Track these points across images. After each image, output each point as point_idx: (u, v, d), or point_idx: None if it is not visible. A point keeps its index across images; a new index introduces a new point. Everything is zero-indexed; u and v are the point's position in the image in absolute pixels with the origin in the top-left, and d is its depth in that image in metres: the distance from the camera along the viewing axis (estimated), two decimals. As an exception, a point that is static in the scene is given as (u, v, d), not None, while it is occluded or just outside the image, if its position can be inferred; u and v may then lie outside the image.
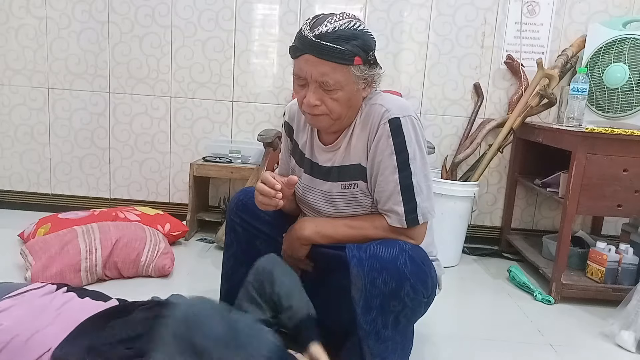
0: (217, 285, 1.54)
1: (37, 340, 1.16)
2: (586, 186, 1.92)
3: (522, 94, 2.49)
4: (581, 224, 2.71)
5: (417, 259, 1.18)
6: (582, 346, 1.70)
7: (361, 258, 1.17)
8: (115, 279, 1.96)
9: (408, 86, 2.64)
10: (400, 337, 1.23)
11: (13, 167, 2.82)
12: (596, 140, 1.90)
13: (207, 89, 2.69)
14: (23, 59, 2.70)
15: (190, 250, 2.41)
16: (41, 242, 1.91)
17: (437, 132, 2.67)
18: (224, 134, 2.73)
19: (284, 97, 2.68)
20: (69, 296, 1.33)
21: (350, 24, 1.15)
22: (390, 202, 1.22)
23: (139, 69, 2.68)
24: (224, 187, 2.80)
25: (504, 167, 2.69)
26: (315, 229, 1.30)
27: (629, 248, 2.03)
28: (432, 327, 1.70)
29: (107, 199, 2.82)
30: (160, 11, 2.63)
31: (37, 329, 1.17)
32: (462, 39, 2.59)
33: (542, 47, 2.57)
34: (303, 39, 1.15)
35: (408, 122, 1.20)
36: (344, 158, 1.29)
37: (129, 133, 2.75)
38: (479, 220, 2.74)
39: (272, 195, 1.21)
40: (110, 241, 1.94)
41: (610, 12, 2.52)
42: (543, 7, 2.54)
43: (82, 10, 2.64)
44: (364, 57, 1.17)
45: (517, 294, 2.11)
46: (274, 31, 2.63)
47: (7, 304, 1.25)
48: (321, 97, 1.18)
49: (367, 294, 1.16)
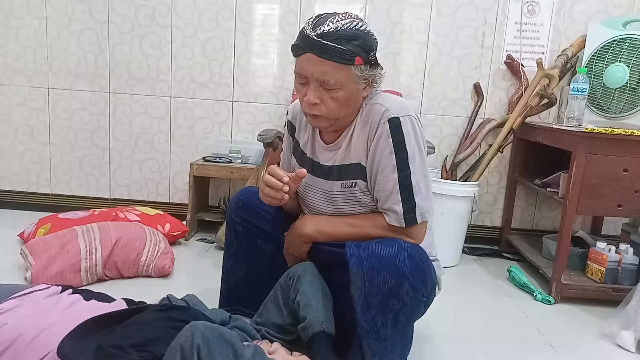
0: (217, 285, 1.54)
1: (42, 339, 1.16)
2: (586, 186, 1.92)
3: (522, 94, 2.49)
4: (581, 224, 2.71)
5: (416, 257, 1.18)
6: (582, 346, 1.70)
7: (361, 256, 1.17)
8: (115, 279, 1.96)
9: (408, 86, 2.64)
10: (400, 336, 1.23)
11: (13, 167, 2.82)
12: (596, 140, 1.90)
13: (207, 89, 2.69)
14: (23, 59, 2.70)
15: (190, 250, 2.41)
16: (41, 242, 1.91)
17: (437, 132, 2.67)
18: (224, 134, 2.73)
19: (284, 97, 2.68)
20: (75, 298, 1.33)
21: (352, 24, 1.15)
22: (389, 201, 1.22)
23: (139, 69, 2.68)
24: (224, 187, 2.80)
25: (504, 167, 2.69)
26: (316, 226, 1.31)
27: (629, 248, 2.03)
28: (432, 327, 1.70)
29: (107, 199, 2.82)
30: (160, 11, 2.63)
31: (42, 328, 1.18)
32: (462, 39, 2.59)
33: (542, 47, 2.57)
34: (305, 38, 1.16)
35: (408, 121, 1.20)
36: (344, 157, 1.29)
37: (129, 133, 2.75)
38: (479, 220, 2.74)
39: (279, 188, 1.21)
40: (110, 241, 1.94)
41: (610, 12, 2.52)
42: (543, 7, 2.54)
43: (82, 10, 2.64)
44: (365, 57, 1.17)
45: (517, 294, 2.11)
46: (274, 31, 2.63)
47: (12, 304, 1.25)
48: (321, 95, 1.18)
49: (366, 292, 1.16)
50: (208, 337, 0.95)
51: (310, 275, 1.27)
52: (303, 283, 1.25)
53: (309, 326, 1.20)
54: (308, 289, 1.24)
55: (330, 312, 1.24)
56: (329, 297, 1.28)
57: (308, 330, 1.20)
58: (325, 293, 1.27)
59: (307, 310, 1.21)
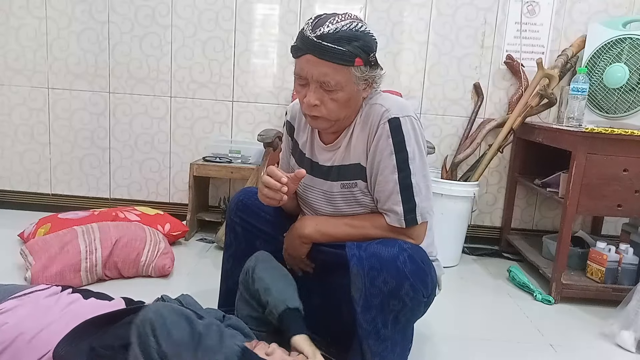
0: (217, 285, 1.55)
1: (41, 338, 1.16)
2: (586, 186, 1.92)
3: (522, 94, 2.49)
4: (581, 224, 2.71)
5: (416, 258, 1.18)
6: (582, 346, 1.70)
7: (361, 257, 1.17)
8: (115, 279, 1.96)
9: (408, 86, 2.64)
10: (400, 336, 1.23)
11: (13, 167, 2.82)
12: (596, 140, 1.90)
13: (207, 89, 2.69)
14: (23, 59, 2.70)
15: (190, 250, 2.41)
16: (41, 242, 1.91)
17: (437, 132, 2.67)
18: (224, 134, 2.73)
19: (284, 97, 2.68)
20: (74, 297, 1.33)
21: (352, 24, 1.15)
22: (390, 202, 1.22)
23: (139, 69, 2.68)
24: (224, 187, 2.80)
25: (504, 167, 2.69)
26: (316, 227, 1.30)
27: (629, 248, 2.03)
28: (432, 327, 1.70)
29: (107, 199, 2.82)
30: (160, 11, 2.63)
31: (41, 327, 1.18)
32: (462, 39, 2.59)
33: (542, 47, 2.57)
34: (305, 39, 1.15)
35: (407, 122, 1.20)
36: (343, 157, 1.29)
37: (129, 133, 2.75)
38: (479, 220, 2.74)
39: (277, 189, 1.20)
40: (110, 241, 1.94)
41: (610, 12, 2.52)
42: (543, 7, 2.54)
43: (82, 10, 2.64)
44: (365, 58, 1.17)
45: (517, 294, 2.11)
46: (274, 31, 2.63)
47: (12, 304, 1.25)
48: (321, 97, 1.18)
49: (366, 293, 1.16)
50: (161, 311, 0.96)
51: (262, 263, 1.30)
52: (257, 271, 1.28)
53: (272, 308, 1.21)
54: (263, 275, 1.26)
55: (291, 289, 1.26)
56: (287, 275, 1.30)
57: (274, 313, 1.21)
58: (281, 273, 1.30)
59: (267, 294, 1.23)
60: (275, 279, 1.27)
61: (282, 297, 1.22)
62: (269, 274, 1.28)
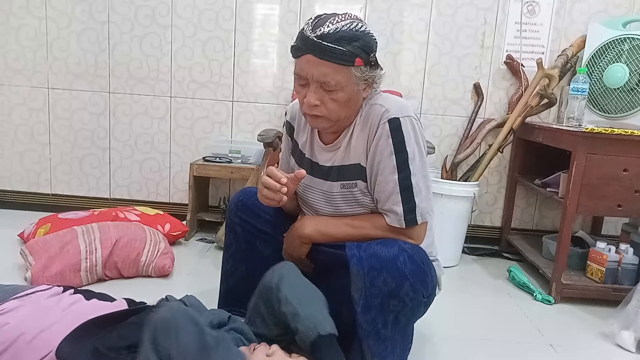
0: (217, 285, 1.54)
1: (42, 339, 1.16)
2: (586, 186, 1.92)
3: (522, 94, 2.49)
4: (581, 224, 2.71)
5: (416, 258, 1.18)
6: (582, 346, 1.70)
7: (361, 257, 1.17)
8: (115, 279, 1.96)
9: (408, 86, 2.64)
10: (400, 336, 1.23)
11: (13, 167, 2.82)
12: (596, 140, 1.90)
13: (207, 89, 2.69)
14: (23, 59, 2.70)
15: (190, 250, 2.41)
16: (41, 242, 1.91)
17: (437, 132, 2.67)
18: (224, 134, 2.73)
19: (284, 97, 2.68)
20: (76, 298, 1.33)
21: (352, 25, 1.15)
22: (390, 202, 1.22)
23: (139, 69, 2.68)
24: (224, 187, 2.80)
25: (504, 167, 2.69)
26: (316, 227, 1.30)
27: (629, 248, 2.03)
28: (432, 327, 1.70)
29: (107, 199, 2.82)
30: (160, 11, 2.63)
31: (42, 328, 1.18)
32: (462, 39, 2.59)
33: (542, 47, 2.57)
34: (305, 39, 1.15)
35: (407, 122, 1.20)
36: (343, 158, 1.29)
37: (129, 133, 2.75)
38: (479, 220, 2.74)
39: (277, 189, 1.20)
40: (110, 241, 1.94)
41: (610, 12, 2.52)
42: (543, 7, 2.54)
43: (82, 10, 2.64)
44: (365, 58, 1.17)
45: (517, 294, 2.11)
46: (274, 31, 2.63)
47: (13, 305, 1.25)
48: (321, 97, 1.18)
49: (366, 293, 1.16)
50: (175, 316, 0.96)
51: (288, 280, 1.18)
52: (283, 291, 1.15)
53: (304, 337, 1.11)
54: (290, 296, 1.14)
55: (322, 310, 1.15)
56: (316, 293, 1.19)
57: (305, 341, 1.11)
58: (310, 291, 1.19)
59: (296, 320, 1.12)
60: (303, 301, 1.15)
61: (312, 324, 1.11)
62: (296, 294, 1.15)
